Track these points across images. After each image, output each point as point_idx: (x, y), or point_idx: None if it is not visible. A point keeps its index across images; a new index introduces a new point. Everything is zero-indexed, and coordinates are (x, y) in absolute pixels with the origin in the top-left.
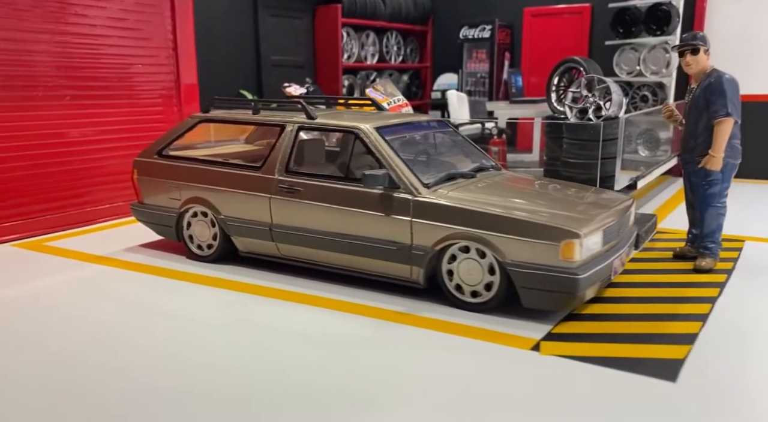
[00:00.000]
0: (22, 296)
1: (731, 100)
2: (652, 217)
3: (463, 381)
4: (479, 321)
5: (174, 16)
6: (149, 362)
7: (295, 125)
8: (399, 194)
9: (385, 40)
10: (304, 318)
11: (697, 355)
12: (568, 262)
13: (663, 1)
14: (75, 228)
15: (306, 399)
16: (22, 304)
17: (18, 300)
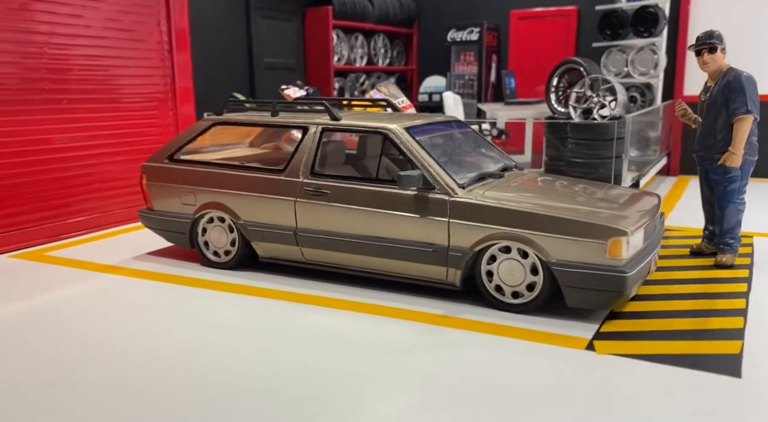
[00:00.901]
0: (42, 309)
1: (750, 97)
2: (661, 215)
3: (528, 383)
4: (523, 322)
5: (169, 17)
6: (217, 369)
7: (319, 127)
8: (435, 195)
9: (372, 42)
10: (344, 323)
11: (752, 350)
12: (615, 260)
13: (650, 4)
14: (72, 237)
15: (380, 404)
16: (44, 318)
17: (39, 314)
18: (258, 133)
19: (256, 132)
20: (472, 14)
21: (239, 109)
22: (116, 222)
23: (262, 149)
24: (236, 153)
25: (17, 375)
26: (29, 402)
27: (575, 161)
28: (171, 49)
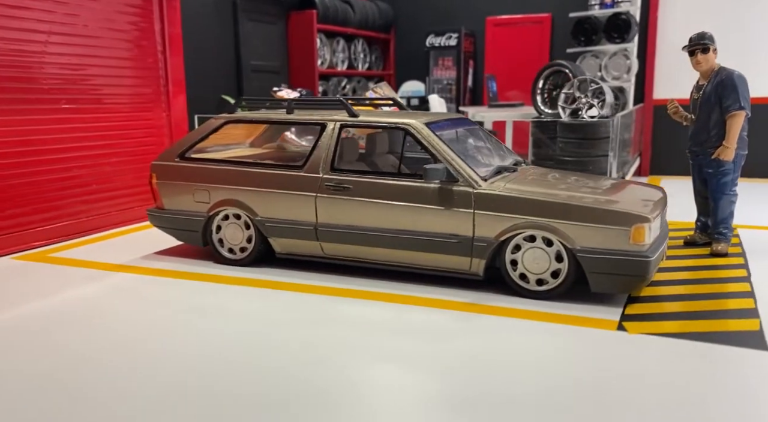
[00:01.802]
0: (71, 306)
1: (742, 94)
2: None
3: (577, 360)
4: (550, 308)
5: (163, 19)
6: (269, 359)
7: (338, 123)
8: (459, 187)
9: (352, 47)
10: (381, 312)
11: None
12: (639, 246)
13: (622, 11)
14: (71, 239)
15: (441, 386)
16: (75, 314)
17: (70, 311)
18: (259, 133)
19: (258, 132)
20: (448, 21)
21: (254, 107)
22: (113, 224)
23: (267, 148)
24: (244, 152)
25: (64, 369)
26: (87, 398)
27: (565, 159)
28: (165, 51)
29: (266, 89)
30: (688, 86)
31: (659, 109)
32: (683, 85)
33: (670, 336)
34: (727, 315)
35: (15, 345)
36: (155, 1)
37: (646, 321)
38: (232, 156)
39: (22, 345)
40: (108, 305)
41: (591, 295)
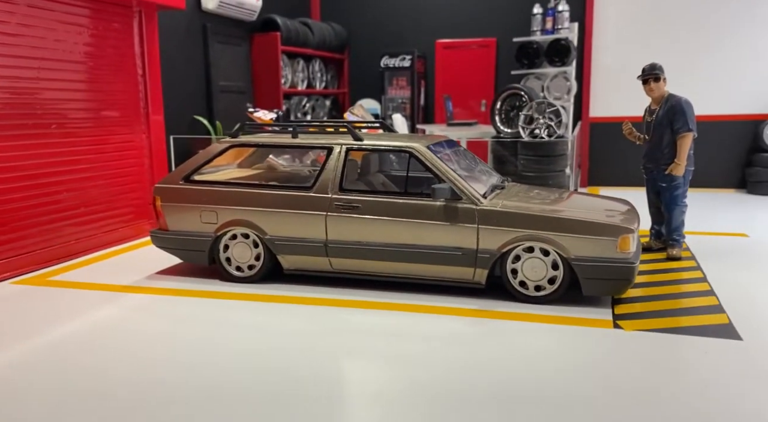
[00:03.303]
0: (95, 328)
1: (690, 118)
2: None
3: (585, 354)
4: (549, 311)
5: (143, 43)
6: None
7: (344, 147)
8: (463, 204)
9: (311, 67)
10: (395, 321)
11: (738, 319)
12: (624, 254)
13: (561, 37)
14: (62, 262)
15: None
16: (107, 336)
17: (97, 333)
18: (245, 156)
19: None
20: (400, 43)
21: (255, 131)
22: (100, 246)
23: (259, 169)
24: (237, 173)
25: (121, 386)
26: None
27: (526, 175)
28: (144, 75)
29: (234, 109)
30: (617, 105)
31: (594, 126)
32: (614, 104)
33: (660, 331)
34: (699, 312)
35: (67, 366)
36: (135, 25)
37: (637, 319)
38: (230, 177)
39: (71, 365)
40: (137, 325)
41: (580, 299)
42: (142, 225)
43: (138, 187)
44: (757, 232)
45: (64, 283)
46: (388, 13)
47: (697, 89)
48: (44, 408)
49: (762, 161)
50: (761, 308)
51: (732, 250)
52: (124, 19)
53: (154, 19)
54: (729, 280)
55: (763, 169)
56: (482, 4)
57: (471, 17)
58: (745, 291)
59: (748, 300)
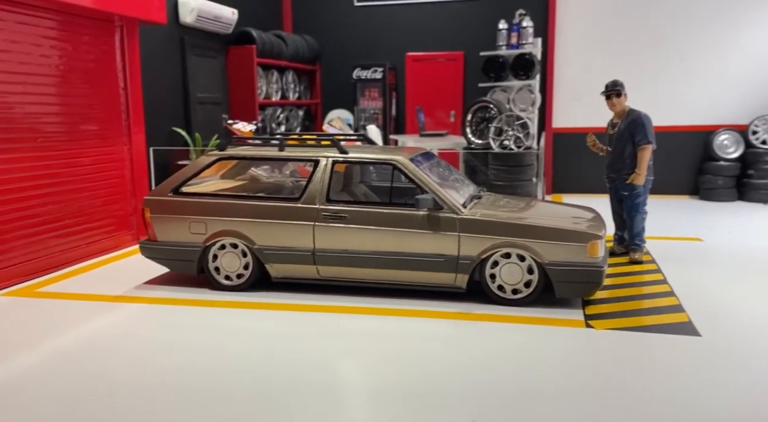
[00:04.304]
0: (99, 338)
1: (649, 131)
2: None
3: (562, 350)
4: (526, 313)
5: (124, 57)
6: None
7: (330, 159)
8: (445, 214)
9: (284, 78)
10: (383, 325)
11: (697, 317)
12: (594, 258)
13: (525, 52)
14: (47, 273)
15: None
16: (110, 345)
17: (101, 342)
18: (228, 168)
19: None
20: (371, 55)
21: (242, 145)
22: (83, 257)
23: (243, 180)
24: (221, 184)
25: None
26: None
27: (497, 184)
28: (126, 88)
29: (210, 120)
30: (579, 116)
31: (557, 137)
32: (575, 116)
33: (627, 330)
34: (662, 311)
35: (76, 372)
36: (117, 39)
37: (606, 319)
38: (217, 189)
39: (80, 371)
40: (136, 332)
41: (554, 301)
42: (123, 237)
43: (120, 198)
44: (709, 236)
45: (53, 294)
46: (359, 27)
47: (654, 102)
48: (58, 412)
49: (712, 169)
50: (716, 306)
51: (688, 254)
52: (106, 34)
53: (135, 33)
54: (687, 281)
55: (714, 176)
56: (450, 19)
57: (439, 31)
58: (701, 291)
59: (705, 300)
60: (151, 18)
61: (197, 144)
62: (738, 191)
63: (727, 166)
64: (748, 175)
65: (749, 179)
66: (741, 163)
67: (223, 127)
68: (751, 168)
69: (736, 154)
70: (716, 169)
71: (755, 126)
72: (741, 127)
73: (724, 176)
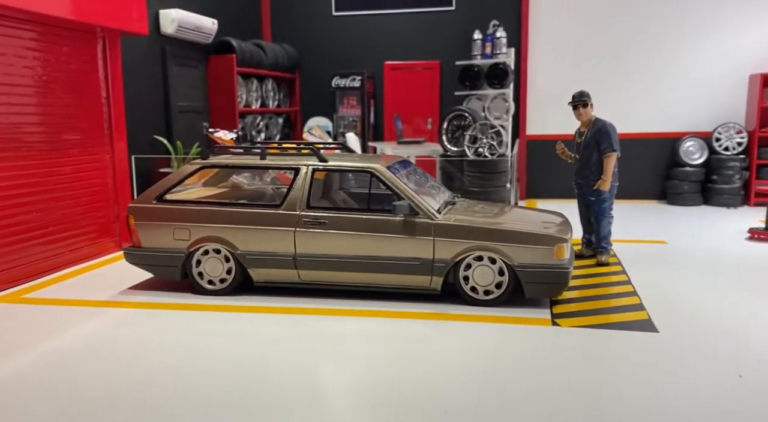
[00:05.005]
0: (90, 341)
1: (614, 140)
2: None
3: (530, 347)
4: (497, 312)
5: (107, 66)
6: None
7: (310, 167)
8: (420, 219)
9: (264, 86)
10: (362, 326)
11: (656, 315)
12: (560, 260)
13: (499, 61)
14: (32, 280)
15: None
16: (101, 348)
17: (92, 345)
18: (210, 175)
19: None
20: (350, 63)
21: (224, 153)
22: (66, 264)
23: (225, 188)
24: (204, 192)
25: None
26: None
27: (472, 190)
28: (108, 97)
29: (191, 128)
30: (551, 123)
31: (531, 143)
32: (548, 123)
33: (591, 327)
34: (624, 310)
35: (72, 374)
36: (99, 50)
37: (571, 317)
38: (200, 197)
39: (76, 373)
40: (126, 336)
41: (522, 301)
42: (106, 243)
43: (102, 205)
44: (674, 239)
45: (40, 300)
46: (338, 36)
47: (624, 109)
48: (47, 416)
49: (679, 175)
50: (675, 305)
51: (653, 256)
52: (88, 45)
53: (117, 44)
54: (649, 282)
55: (680, 181)
56: (426, 29)
57: (416, 41)
58: (662, 291)
59: (665, 299)
60: (133, 29)
61: (178, 152)
62: (703, 196)
63: (692, 172)
64: (712, 181)
65: (713, 184)
66: (705, 168)
67: (203, 135)
68: (715, 173)
69: (701, 159)
70: (682, 174)
71: (718, 133)
72: (705, 134)
73: (690, 181)
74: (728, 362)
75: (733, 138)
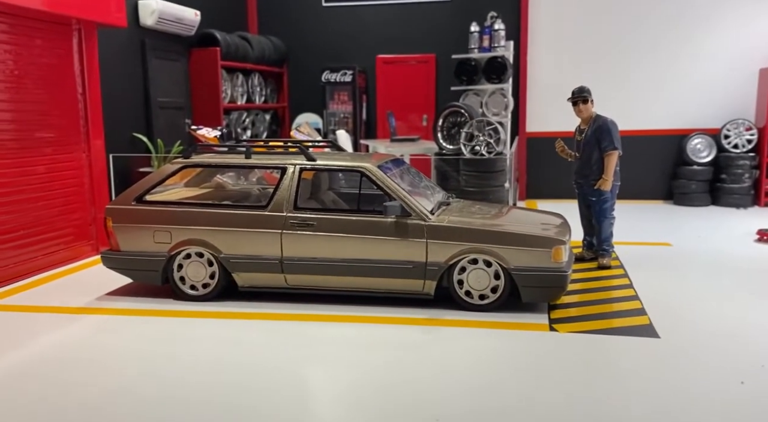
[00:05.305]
0: (67, 350)
1: (615, 137)
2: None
3: (528, 353)
4: (492, 318)
5: (83, 61)
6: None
7: (297, 167)
8: (412, 221)
9: (249, 81)
10: (353, 332)
11: (657, 319)
12: (558, 263)
13: (498, 55)
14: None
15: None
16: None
17: (68, 354)
18: (192, 175)
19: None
20: (341, 57)
21: (207, 152)
22: (40, 269)
23: (208, 188)
24: (186, 193)
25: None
26: None
27: (468, 190)
28: (84, 93)
29: (173, 125)
30: (552, 120)
31: (531, 141)
32: (549, 120)
33: (590, 333)
34: (625, 315)
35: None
36: (75, 43)
37: (569, 322)
38: (182, 197)
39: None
40: (103, 344)
41: (520, 305)
42: (83, 247)
43: (78, 207)
44: (679, 241)
45: (11, 307)
46: (328, 28)
47: (629, 105)
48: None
49: (686, 173)
50: (677, 309)
51: (656, 259)
52: (63, 38)
53: (93, 36)
54: (652, 286)
55: (687, 181)
56: (421, 21)
57: (411, 33)
58: (664, 295)
59: (667, 303)
60: (110, 21)
61: (159, 150)
62: (711, 196)
63: (700, 170)
64: (720, 180)
65: (722, 184)
66: (714, 167)
67: (186, 133)
68: (724, 172)
69: (709, 158)
70: (689, 173)
71: (727, 130)
72: (714, 130)
73: (697, 180)
74: (731, 368)
75: (742, 135)
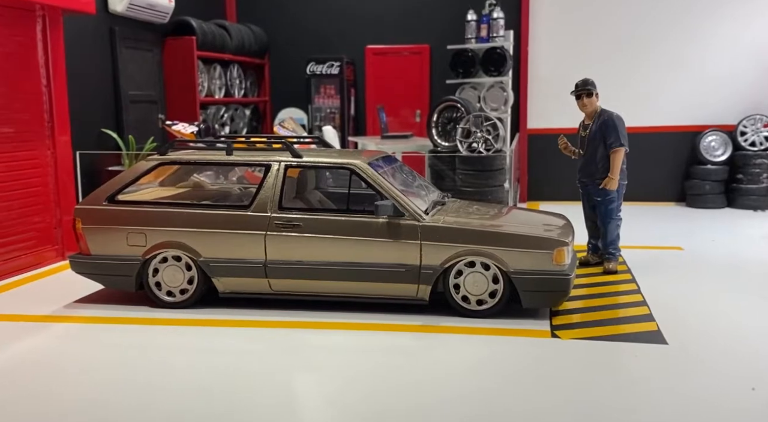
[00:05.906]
0: (33, 359)
1: (622, 133)
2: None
3: (528, 361)
4: (491, 324)
5: (47, 50)
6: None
7: (282, 164)
8: (405, 221)
9: (228, 73)
10: (343, 339)
11: (665, 326)
12: (560, 266)
13: (497, 46)
14: None
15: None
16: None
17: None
18: (168, 173)
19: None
20: (327, 47)
21: (185, 148)
22: None
23: (186, 187)
24: (161, 192)
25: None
26: None
27: (465, 190)
28: (49, 85)
29: (145, 121)
30: (555, 116)
31: (533, 138)
32: (552, 115)
33: (594, 339)
34: (631, 321)
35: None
36: (39, 31)
37: (572, 329)
38: (158, 197)
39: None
40: (71, 354)
41: (520, 311)
42: (46, 252)
43: (41, 209)
44: (691, 245)
45: None
46: (313, 16)
47: (638, 100)
48: None
49: (699, 173)
50: (686, 315)
51: (666, 263)
52: (25, 25)
53: (59, 24)
54: (660, 291)
55: (701, 181)
56: (414, 9)
57: (402, 22)
58: (673, 300)
59: (675, 309)
60: (77, 7)
61: (130, 147)
62: (727, 197)
63: (714, 170)
64: (737, 180)
65: (738, 184)
66: (729, 166)
67: (159, 129)
68: (740, 172)
69: (724, 156)
70: (703, 173)
71: (743, 126)
72: (729, 127)
73: (712, 181)
74: (741, 374)
75: (760, 132)
